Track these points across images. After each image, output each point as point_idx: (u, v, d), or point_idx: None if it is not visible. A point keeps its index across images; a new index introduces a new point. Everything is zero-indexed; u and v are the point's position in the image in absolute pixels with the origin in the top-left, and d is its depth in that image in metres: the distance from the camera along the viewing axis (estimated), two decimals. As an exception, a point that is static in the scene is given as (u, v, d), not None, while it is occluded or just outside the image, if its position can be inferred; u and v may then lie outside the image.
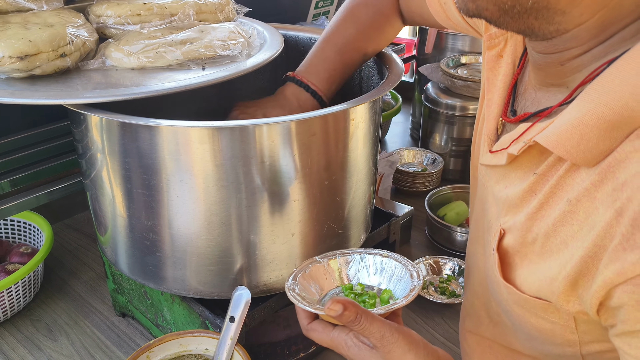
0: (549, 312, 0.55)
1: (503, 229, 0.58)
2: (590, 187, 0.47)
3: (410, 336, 0.57)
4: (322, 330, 0.61)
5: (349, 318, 0.55)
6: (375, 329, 0.55)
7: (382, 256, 0.69)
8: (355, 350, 0.58)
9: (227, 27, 0.86)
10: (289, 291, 0.64)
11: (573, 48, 0.50)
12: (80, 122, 0.77)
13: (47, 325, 1.03)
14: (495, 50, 0.65)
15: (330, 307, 0.55)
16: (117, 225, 0.80)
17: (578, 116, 0.47)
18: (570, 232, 0.50)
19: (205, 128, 0.68)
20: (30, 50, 0.72)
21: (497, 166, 0.60)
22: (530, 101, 0.59)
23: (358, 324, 0.55)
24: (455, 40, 1.59)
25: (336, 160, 0.77)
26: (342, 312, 0.54)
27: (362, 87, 1.01)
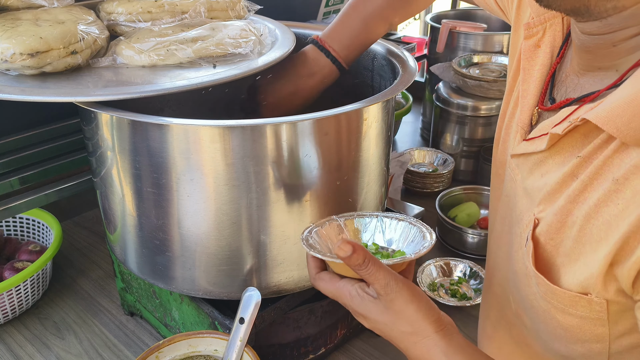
0: (579, 306, 0.53)
1: (537, 218, 0.56)
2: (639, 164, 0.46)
3: (415, 289, 0.56)
4: (328, 280, 0.61)
5: (357, 261, 0.54)
6: (381, 275, 0.55)
7: (399, 219, 0.68)
8: (358, 301, 0.57)
9: (239, 24, 0.85)
10: (302, 240, 0.63)
11: (629, 27, 0.48)
12: (91, 120, 0.76)
13: (56, 323, 1.02)
14: (533, 40, 0.63)
15: (340, 247, 0.54)
16: (126, 223, 0.80)
17: (631, 93, 0.46)
18: (615, 211, 0.48)
19: (216, 127, 0.67)
20: (41, 47, 0.71)
21: (533, 154, 0.58)
22: (572, 87, 0.58)
23: (365, 268, 0.54)
24: (467, 40, 1.58)
25: (348, 160, 0.76)
26: (351, 253, 0.54)
27: (374, 86, 1.00)
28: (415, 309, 0.55)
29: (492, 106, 1.41)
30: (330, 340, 0.92)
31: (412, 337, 0.56)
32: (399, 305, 0.55)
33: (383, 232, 0.69)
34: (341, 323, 0.93)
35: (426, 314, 0.56)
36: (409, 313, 0.55)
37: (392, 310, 0.56)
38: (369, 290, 0.57)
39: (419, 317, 0.55)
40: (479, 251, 1.19)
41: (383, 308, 0.56)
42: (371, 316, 0.57)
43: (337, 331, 0.93)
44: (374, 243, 0.68)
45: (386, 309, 0.56)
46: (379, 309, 0.56)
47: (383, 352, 0.97)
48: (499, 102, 1.41)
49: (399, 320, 0.56)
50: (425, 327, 0.55)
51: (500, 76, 1.42)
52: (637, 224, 0.45)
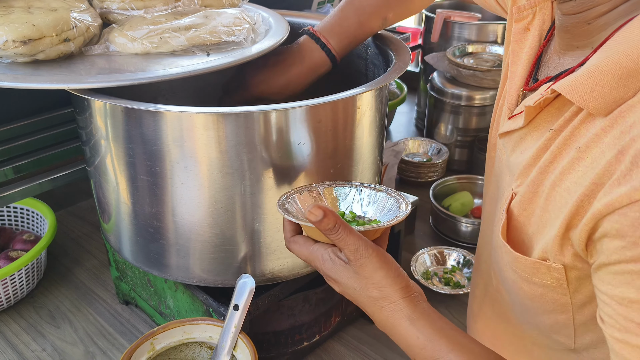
0: (539, 273, 0.55)
1: (514, 192, 0.58)
2: (599, 133, 0.48)
3: (385, 256, 0.58)
4: (302, 243, 0.62)
5: (327, 225, 0.55)
6: (351, 241, 0.56)
7: (377, 190, 0.68)
8: (330, 265, 0.59)
9: (232, 12, 0.85)
10: (278, 205, 0.64)
11: (600, 5, 0.51)
12: (84, 108, 0.76)
13: (51, 312, 1.03)
14: (523, 23, 0.65)
15: (311, 211, 0.55)
16: (120, 212, 0.80)
17: (594, 63, 0.48)
18: (575, 178, 0.50)
19: (209, 114, 0.67)
20: (34, 35, 0.71)
21: (515, 132, 0.60)
22: (553, 67, 0.60)
23: (335, 233, 0.56)
24: (462, 29, 1.58)
25: (342, 148, 0.76)
26: (321, 218, 0.55)
27: (367, 74, 1.00)
28: (384, 275, 0.57)
29: (487, 96, 1.42)
30: (324, 327, 0.93)
31: (379, 302, 0.57)
32: (368, 271, 0.57)
33: (361, 201, 0.69)
34: (335, 311, 0.94)
35: (394, 280, 0.57)
36: (377, 279, 0.57)
37: (361, 276, 0.57)
38: (340, 255, 0.58)
39: (386, 283, 0.57)
40: (473, 240, 1.20)
41: (353, 273, 0.57)
42: (342, 280, 0.58)
43: (331, 319, 0.94)
44: (351, 212, 0.68)
45: (355, 274, 0.57)
46: (349, 274, 0.58)
47: (377, 339, 0.97)
48: (493, 92, 1.42)
49: (367, 285, 0.57)
50: (392, 293, 0.57)
51: (494, 66, 1.42)
52: (591, 187, 0.47)
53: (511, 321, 0.69)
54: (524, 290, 0.59)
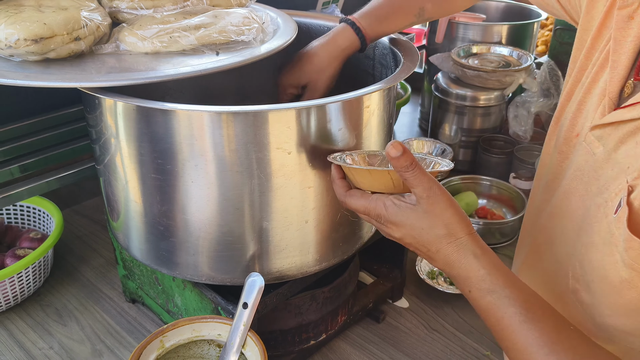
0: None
1: (631, 185, 0.57)
2: None
3: (451, 197, 0.61)
4: (360, 195, 0.64)
5: (405, 162, 0.58)
6: (425, 179, 0.59)
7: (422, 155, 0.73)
8: (394, 209, 0.61)
9: (241, 12, 0.85)
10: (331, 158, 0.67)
11: None
12: (95, 106, 0.76)
13: (57, 310, 1.03)
14: (627, 11, 0.63)
15: (392, 145, 0.57)
16: (130, 210, 0.80)
17: None
18: None
19: (219, 113, 0.67)
20: (45, 33, 0.71)
21: (628, 123, 0.59)
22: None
23: (412, 170, 0.58)
24: (467, 30, 1.58)
25: (350, 147, 0.76)
26: (401, 154, 0.57)
27: (375, 74, 1.00)
28: (453, 214, 0.60)
29: (491, 96, 1.42)
30: (331, 326, 0.93)
31: (445, 238, 0.60)
32: (439, 209, 0.59)
33: None
34: (342, 310, 0.94)
35: (460, 218, 0.60)
36: (446, 217, 0.60)
37: (432, 214, 0.60)
38: (405, 199, 0.61)
39: (455, 220, 0.60)
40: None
41: (422, 212, 0.60)
42: (407, 222, 0.61)
43: (337, 317, 0.94)
44: None
45: (425, 212, 0.60)
46: (417, 214, 0.60)
47: (382, 338, 0.98)
48: (498, 93, 1.42)
49: (436, 223, 0.60)
50: (460, 230, 0.60)
51: (499, 66, 1.42)
52: None
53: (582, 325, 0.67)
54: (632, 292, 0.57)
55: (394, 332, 0.99)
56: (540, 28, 2.16)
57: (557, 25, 1.57)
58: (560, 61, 1.50)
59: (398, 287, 1.05)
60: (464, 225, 0.60)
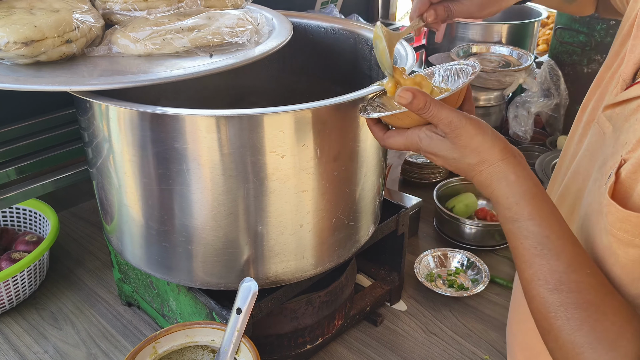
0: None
1: (624, 158, 0.57)
2: None
3: (478, 122, 0.60)
4: (397, 134, 0.65)
5: (418, 105, 0.58)
6: (443, 115, 0.58)
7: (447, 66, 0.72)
8: (427, 141, 0.61)
9: (236, 13, 0.84)
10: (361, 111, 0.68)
11: None
12: (87, 109, 0.75)
13: (53, 313, 1.02)
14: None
15: (400, 95, 0.58)
16: (123, 214, 0.79)
17: None
18: None
19: (212, 116, 0.67)
20: (36, 36, 0.70)
21: (632, 101, 0.59)
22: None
23: (427, 111, 0.58)
24: (466, 30, 1.57)
25: (346, 150, 0.75)
26: (412, 99, 0.57)
27: (372, 75, 0.99)
28: (481, 141, 0.59)
29: (491, 96, 1.41)
30: (327, 330, 0.92)
31: (478, 166, 0.59)
32: (465, 140, 0.59)
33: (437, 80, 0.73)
34: (338, 313, 0.93)
35: (493, 143, 0.59)
36: (474, 145, 0.59)
37: (458, 145, 0.59)
38: (436, 130, 0.61)
39: (484, 147, 0.59)
40: (477, 242, 1.19)
41: (450, 144, 0.60)
42: (441, 153, 0.61)
43: (334, 321, 0.93)
44: None
45: (453, 144, 0.60)
46: (447, 146, 0.60)
47: (380, 341, 0.97)
48: (498, 93, 1.41)
49: (465, 153, 0.59)
50: (492, 155, 0.59)
51: (498, 66, 1.41)
52: None
53: None
54: (617, 256, 0.57)
55: (392, 335, 0.98)
56: (542, 27, 2.15)
57: (557, 24, 1.56)
58: (560, 60, 1.49)
59: (396, 290, 1.04)
60: (497, 150, 0.59)
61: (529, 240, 0.57)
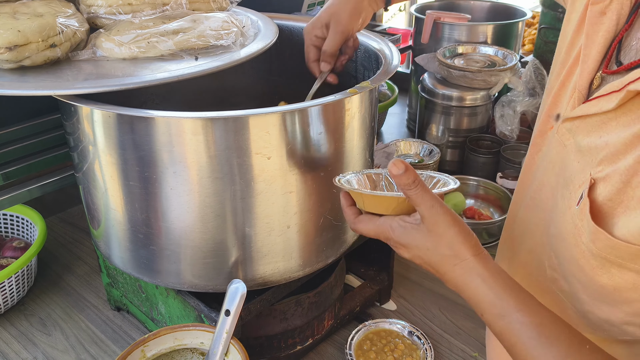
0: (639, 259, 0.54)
1: (594, 178, 0.57)
2: None
3: (455, 215, 0.59)
4: (368, 220, 0.64)
5: (408, 179, 0.57)
6: (428, 197, 0.58)
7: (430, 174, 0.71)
8: (400, 231, 0.60)
9: (221, 16, 0.84)
10: (337, 181, 0.66)
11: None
12: (71, 114, 0.75)
13: (42, 320, 1.02)
14: (599, 7, 0.64)
15: (394, 163, 0.57)
16: (110, 218, 0.79)
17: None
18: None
19: (198, 119, 0.67)
20: (19, 41, 0.70)
21: (593, 116, 0.59)
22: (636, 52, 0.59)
23: (415, 188, 0.57)
24: (452, 30, 1.58)
25: (332, 151, 0.76)
26: (404, 171, 0.56)
27: (357, 76, 1.00)
28: (456, 233, 0.58)
29: (477, 96, 1.42)
30: (317, 331, 0.93)
31: (452, 259, 0.58)
32: (442, 228, 0.58)
33: None
34: (328, 314, 0.93)
35: (465, 238, 0.58)
36: (449, 236, 0.58)
37: (434, 233, 0.58)
38: (409, 219, 0.60)
39: (459, 240, 0.58)
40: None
41: (426, 232, 0.59)
42: (414, 243, 0.60)
43: (324, 322, 0.93)
44: None
45: (429, 231, 0.58)
46: (422, 234, 0.59)
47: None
48: (484, 92, 1.42)
49: (440, 243, 0.58)
50: (464, 250, 0.58)
51: (484, 66, 1.42)
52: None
53: (565, 312, 0.67)
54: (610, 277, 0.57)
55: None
56: (527, 27, 2.17)
57: (541, 24, 1.57)
58: (545, 60, 1.50)
59: (385, 289, 1.05)
60: (469, 246, 0.58)
61: (525, 332, 0.55)
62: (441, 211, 0.58)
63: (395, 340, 0.94)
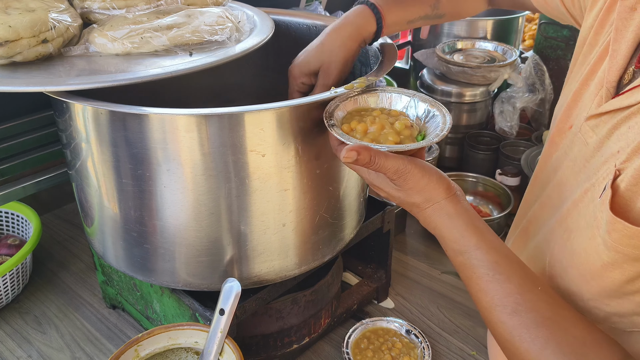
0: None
1: (618, 170, 0.57)
2: None
3: (424, 166, 0.62)
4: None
5: (364, 161, 0.59)
6: (389, 165, 0.60)
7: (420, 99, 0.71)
8: (374, 176, 0.64)
9: (216, 11, 0.83)
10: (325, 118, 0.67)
11: None
12: (64, 110, 0.74)
13: (37, 317, 1.01)
14: (630, 2, 0.63)
15: (345, 156, 0.59)
16: (103, 216, 0.78)
17: None
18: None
19: (192, 116, 0.66)
20: (10, 36, 0.69)
21: (622, 110, 0.60)
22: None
23: (374, 165, 0.60)
24: (451, 26, 1.57)
25: (327, 148, 0.75)
26: (356, 157, 0.59)
27: (354, 72, 0.99)
28: (426, 182, 0.61)
29: (476, 92, 1.41)
30: (314, 329, 0.92)
31: (423, 204, 0.62)
32: (411, 183, 0.61)
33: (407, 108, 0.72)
34: (324, 312, 0.93)
35: (436, 184, 0.61)
36: (420, 187, 0.61)
37: (404, 188, 0.62)
38: None
39: (429, 188, 0.61)
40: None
41: (395, 186, 0.62)
42: (386, 190, 0.64)
43: (320, 320, 0.92)
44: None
45: (399, 186, 0.62)
46: (392, 187, 0.63)
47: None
48: (483, 88, 1.41)
49: (411, 194, 0.62)
50: (435, 195, 0.62)
51: (484, 62, 1.41)
52: None
53: None
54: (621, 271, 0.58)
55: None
56: (528, 22, 2.15)
57: (542, 19, 1.56)
58: (545, 56, 1.49)
59: (383, 287, 1.04)
60: (442, 190, 0.61)
61: (480, 268, 0.59)
62: (406, 170, 0.60)
63: (392, 339, 0.93)
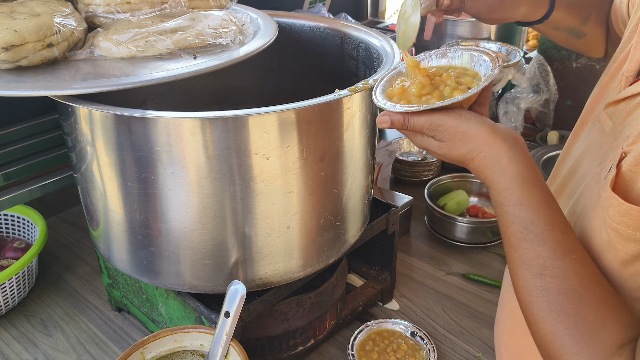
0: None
1: (625, 152, 0.57)
2: None
3: (459, 114, 0.60)
4: None
5: (398, 125, 0.61)
6: (421, 121, 0.60)
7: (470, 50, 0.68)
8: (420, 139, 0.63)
9: (219, 14, 0.83)
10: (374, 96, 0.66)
11: None
12: (69, 114, 0.74)
13: (43, 320, 1.01)
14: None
15: (379, 122, 0.61)
16: (109, 219, 0.78)
17: None
18: None
19: (197, 119, 0.66)
20: (16, 41, 0.70)
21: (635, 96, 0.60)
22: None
23: (407, 126, 0.61)
24: (455, 27, 1.57)
25: (332, 150, 0.75)
26: (390, 124, 0.61)
27: (358, 74, 0.99)
28: (464, 130, 0.59)
29: (480, 93, 1.40)
30: (319, 331, 0.92)
31: (469, 154, 0.60)
32: (447, 135, 0.60)
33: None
34: (330, 314, 0.93)
35: (477, 130, 0.59)
36: (459, 137, 0.60)
37: (443, 142, 0.61)
38: None
39: (469, 135, 0.59)
40: (469, 239, 1.19)
41: (437, 143, 0.62)
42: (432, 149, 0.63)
43: (325, 322, 0.92)
44: None
45: (439, 142, 0.61)
46: (434, 144, 0.62)
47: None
48: (487, 89, 1.41)
49: (452, 146, 0.61)
50: (479, 142, 0.59)
51: (488, 63, 1.41)
52: None
53: None
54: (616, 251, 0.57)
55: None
56: (531, 22, 2.15)
57: (546, 19, 1.55)
58: (549, 56, 1.49)
59: (388, 289, 1.04)
60: (484, 135, 0.59)
61: (515, 225, 0.57)
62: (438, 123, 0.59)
63: (398, 341, 0.93)
